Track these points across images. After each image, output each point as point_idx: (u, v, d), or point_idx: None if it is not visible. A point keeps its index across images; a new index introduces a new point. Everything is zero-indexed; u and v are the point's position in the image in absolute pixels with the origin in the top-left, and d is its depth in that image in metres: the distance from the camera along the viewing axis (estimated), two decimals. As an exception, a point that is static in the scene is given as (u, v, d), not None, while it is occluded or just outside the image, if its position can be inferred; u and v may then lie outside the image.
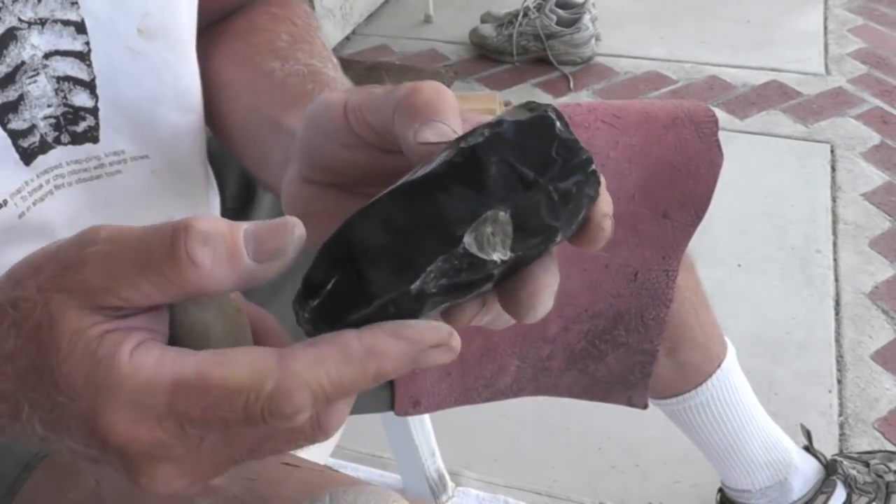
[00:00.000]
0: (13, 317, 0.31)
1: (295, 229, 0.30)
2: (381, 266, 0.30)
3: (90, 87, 0.48)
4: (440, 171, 0.30)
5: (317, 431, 0.31)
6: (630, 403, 0.81)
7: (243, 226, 0.29)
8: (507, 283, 0.32)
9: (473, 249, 0.30)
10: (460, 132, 0.33)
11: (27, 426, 0.32)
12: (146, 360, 0.29)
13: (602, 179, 0.32)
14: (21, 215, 0.47)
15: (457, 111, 0.34)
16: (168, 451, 0.30)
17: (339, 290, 0.30)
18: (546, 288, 0.32)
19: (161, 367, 0.29)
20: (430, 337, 0.30)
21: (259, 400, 0.28)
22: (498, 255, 0.30)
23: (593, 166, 0.31)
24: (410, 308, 0.31)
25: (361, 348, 0.29)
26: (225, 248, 0.29)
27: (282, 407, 0.28)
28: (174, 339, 0.32)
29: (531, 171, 0.30)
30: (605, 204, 0.33)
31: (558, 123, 0.31)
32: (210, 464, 0.31)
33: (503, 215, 0.30)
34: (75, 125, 0.48)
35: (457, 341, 0.31)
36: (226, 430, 0.30)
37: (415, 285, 0.30)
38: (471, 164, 0.30)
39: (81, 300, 0.29)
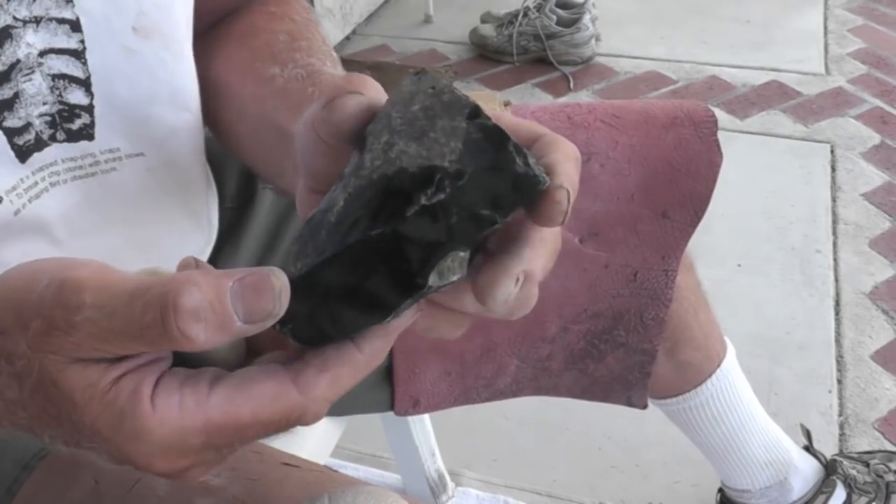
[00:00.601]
0: (9, 370, 0.31)
1: (282, 293, 0.30)
2: (354, 308, 0.32)
3: (85, 84, 0.48)
4: (403, 229, 0.30)
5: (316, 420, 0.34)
6: (629, 403, 0.81)
7: (228, 285, 0.29)
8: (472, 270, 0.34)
9: (436, 283, 0.32)
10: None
11: (48, 444, 0.33)
12: (170, 407, 0.30)
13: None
14: (17, 212, 0.47)
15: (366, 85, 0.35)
16: (201, 463, 0.33)
17: (313, 321, 0.32)
18: (503, 275, 0.33)
19: (187, 413, 0.31)
20: (410, 320, 0.34)
21: (289, 424, 0.32)
22: (457, 276, 0.32)
23: (547, 186, 0.32)
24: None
25: (364, 358, 0.33)
26: (216, 319, 0.29)
27: (309, 423, 0.33)
28: (177, 352, 0.33)
29: (492, 213, 0.31)
30: (562, 175, 0.32)
31: (518, 160, 0.31)
32: (228, 454, 0.34)
33: (463, 253, 0.32)
34: (70, 123, 0.48)
35: (422, 304, 0.34)
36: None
37: (386, 319, 0.33)
38: (434, 217, 0.31)
39: (77, 356, 0.30)
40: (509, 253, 0.33)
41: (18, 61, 0.45)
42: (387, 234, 0.30)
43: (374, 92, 0.35)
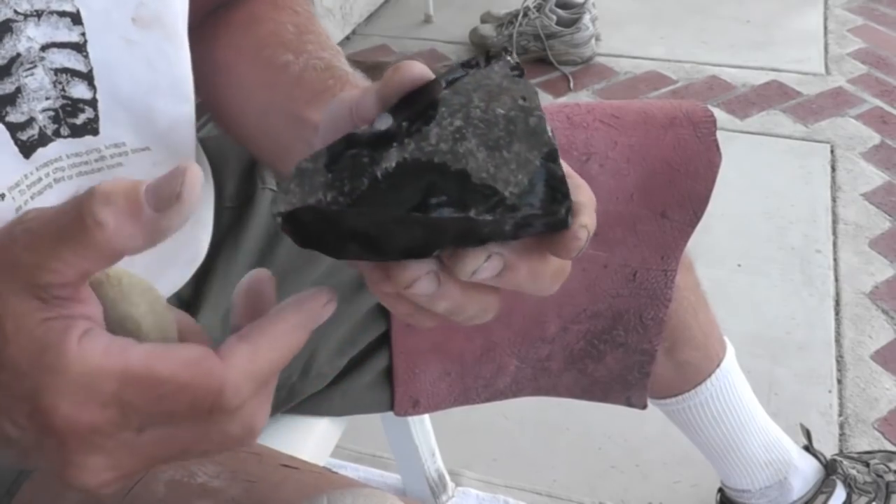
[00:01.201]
0: None
1: (187, 172, 0.30)
2: (357, 243, 0.33)
3: (88, 78, 0.47)
4: (438, 221, 0.32)
5: (246, 434, 0.33)
6: (629, 403, 0.81)
7: (147, 182, 0.30)
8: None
9: (435, 254, 0.34)
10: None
11: None
12: (95, 346, 0.30)
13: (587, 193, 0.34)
14: (18, 209, 0.46)
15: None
16: (104, 440, 0.31)
17: (316, 235, 0.34)
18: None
19: (110, 356, 0.30)
20: (322, 298, 0.35)
21: (208, 396, 0.31)
22: None
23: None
24: None
25: (283, 327, 0.33)
26: (126, 203, 0.30)
27: (230, 401, 0.31)
28: None
29: (515, 233, 0.33)
30: (586, 215, 0.33)
31: (562, 210, 0.33)
32: (140, 459, 0.32)
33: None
34: (74, 117, 0.48)
35: (335, 296, 0.35)
36: (169, 422, 0.32)
37: (378, 260, 0.35)
38: (466, 222, 0.32)
39: (22, 281, 0.31)
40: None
41: (19, 55, 0.44)
42: (421, 216, 0.32)
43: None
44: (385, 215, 0.32)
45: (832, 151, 1.89)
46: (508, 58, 0.35)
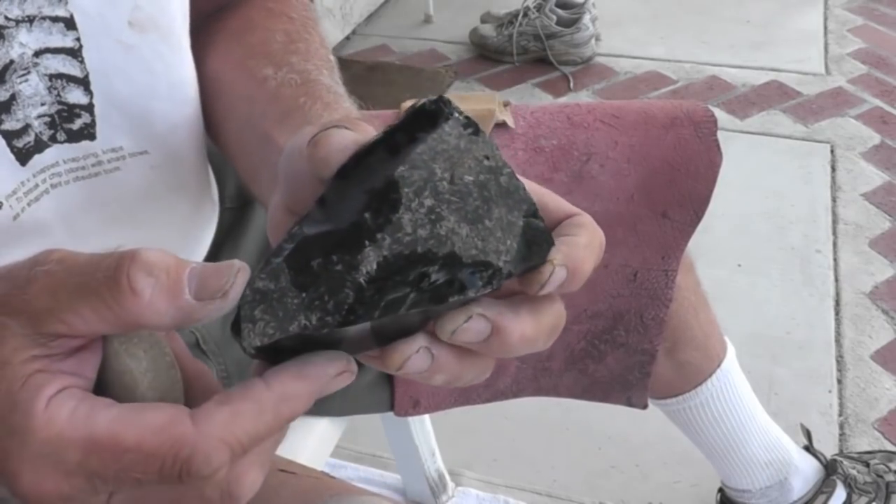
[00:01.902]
0: None
1: (239, 273, 0.29)
2: (351, 349, 0.32)
3: (84, 83, 0.47)
4: (436, 308, 0.30)
5: (225, 499, 0.31)
6: (629, 404, 0.81)
7: (191, 264, 0.29)
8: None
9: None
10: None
11: None
12: (61, 411, 0.29)
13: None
14: (16, 217, 0.46)
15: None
16: (69, 493, 0.30)
17: (298, 352, 0.31)
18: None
19: (74, 422, 0.29)
20: (333, 369, 0.31)
21: (176, 463, 0.29)
22: None
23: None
24: None
25: (273, 396, 0.30)
26: (167, 280, 0.28)
27: (201, 469, 0.29)
28: (102, 385, 0.31)
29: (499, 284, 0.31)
30: (560, 253, 0.32)
31: (546, 256, 0.32)
32: (101, 492, 0.30)
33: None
34: (70, 123, 0.47)
35: (354, 366, 0.32)
36: (139, 489, 0.30)
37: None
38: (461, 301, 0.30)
39: (26, 326, 0.29)
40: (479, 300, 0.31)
41: (12, 62, 0.44)
42: (421, 311, 0.30)
43: (364, 131, 0.33)
44: (382, 321, 0.30)
45: (832, 151, 1.89)
46: (457, 115, 0.32)
